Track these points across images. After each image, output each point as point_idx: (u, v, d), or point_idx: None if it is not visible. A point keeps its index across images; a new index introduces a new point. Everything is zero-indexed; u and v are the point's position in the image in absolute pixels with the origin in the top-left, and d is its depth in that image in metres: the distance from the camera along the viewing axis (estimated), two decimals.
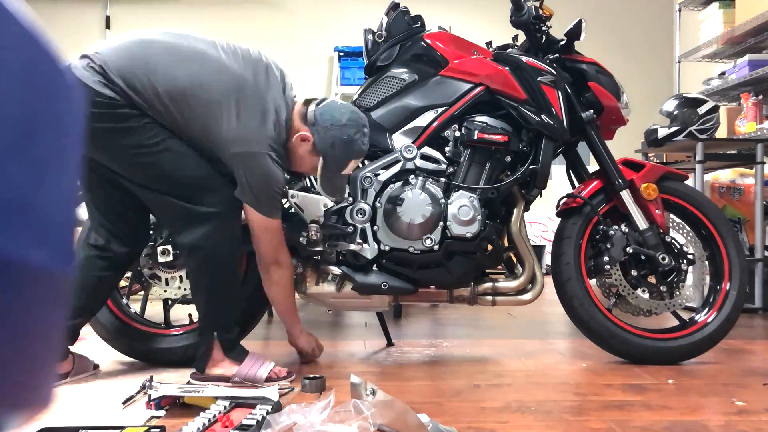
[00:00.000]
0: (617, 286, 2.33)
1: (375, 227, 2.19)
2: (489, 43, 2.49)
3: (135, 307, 2.33)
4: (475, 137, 2.22)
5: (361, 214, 2.18)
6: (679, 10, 4.96)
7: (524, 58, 2.31)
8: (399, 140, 2.28)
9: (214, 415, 1.52)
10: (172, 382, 1.92)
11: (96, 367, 2.13)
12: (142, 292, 2.35)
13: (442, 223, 2.19)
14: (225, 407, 1.58)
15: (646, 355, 2.28)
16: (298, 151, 2.03)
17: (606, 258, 2.31)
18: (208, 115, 1.88)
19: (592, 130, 2.39)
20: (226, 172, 1.97)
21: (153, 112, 1.86)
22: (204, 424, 1.46)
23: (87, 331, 2.18)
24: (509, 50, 2.44)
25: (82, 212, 2.10)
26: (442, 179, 2.24)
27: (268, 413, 1.53)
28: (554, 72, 2.30)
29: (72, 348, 2.06)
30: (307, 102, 2.07)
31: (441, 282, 2.26)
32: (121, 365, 2.23)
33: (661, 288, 2.33)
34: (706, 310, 2.37)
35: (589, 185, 2.39)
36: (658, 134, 3.72)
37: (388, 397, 1.54)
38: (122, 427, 1.47)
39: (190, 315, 2.31)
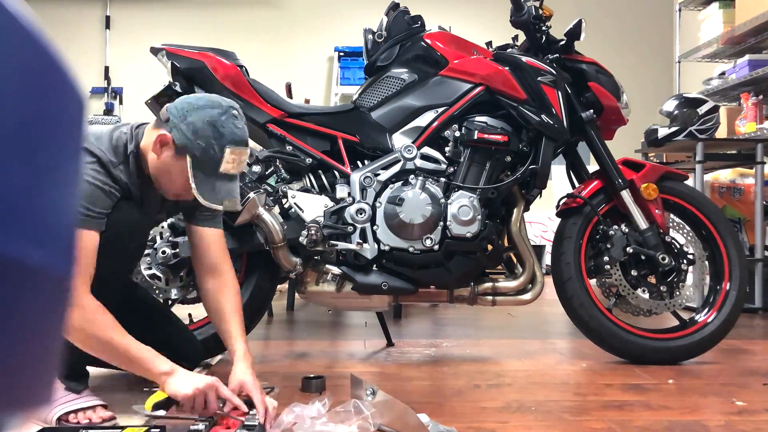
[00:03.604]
0: (617, 286, 2.33)
1: (375, 227, 2.19)
2: (489, 43, 2.49)
3: None
4: (475, 137, 2.22)
5: (361, 213, 2.18)
6: (679, 10, 4.96)
7: (524, 58, 2.31)
8: (399, 140, 2.28)
9: (213, 417, 1.51)
10: None
11: None
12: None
13: (442, 223, 2.19)
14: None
15: (646, 355, 2.28)
16: (163, 163, 1.61)
17: (606, 258, 2.31)
18: None
19: (592, 130, 2.39)
20: None
21: None
22: (205, 426, 1.45)
23: None
24: (509, 50, 2.44)
25: None
26: (442, 179, 2.24)
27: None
28: (554, 72, 2.30)
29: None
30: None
31: (441, 282, 2.26)
32: None
33: (661, 288, 2.33)
34: (706, 310, 2.37)
35: (589, 185, 2.39)
36: (658, 134, 3.72)
37: (388, 397, 1.54)
38: (122, 427, 1.47)
39: (190, 315, 2.31)
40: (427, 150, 2.25)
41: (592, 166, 2.46)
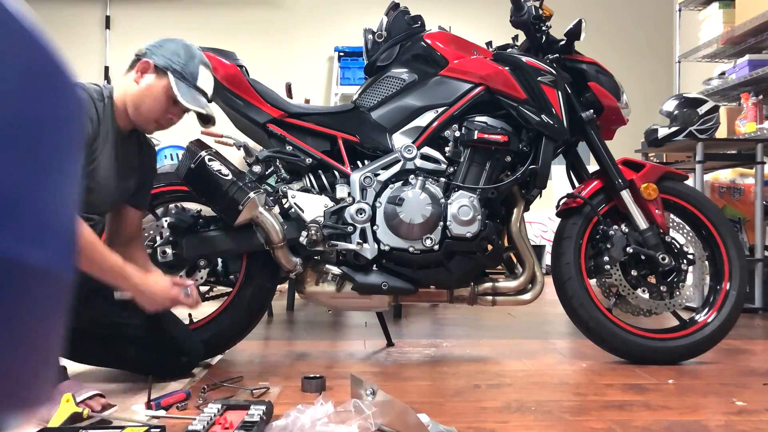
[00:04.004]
0: (617, 286, 2.33)
1: (375, 227, 2.19)
2: (489, 43, 2.49)
3: None
4: (475, 137, 2.22)
5: (361, 213, 2.18)
6: (679, 10, 4.96)
7: (524, 58, 2.31)
8: (399, 140, 2.28)
9: (211, 418, 1.51)
10: (171, 382, 1.92)
11: None
12: None
13: (442, 223, 2.19)
14: (218, 410, 1.57)
15: (646, 355, 2.28)
16: (145, 87, 1.84)
17: (606, 258, 2.31)
18: None
19: (592, 130, 2.39)
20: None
21: None
22: (204, 426, 1.46)
23: None
24: (509, 50, 2.44)
25: None
26: (442, 179, 2.24)
27: (264, 413, 1.53)
28: (554, 72, 2.30)
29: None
30: None
31: (441, 282, 2.26)
32: None
33: (661, 288, 2.33)
34: (706, 310, 2.37)
35: (589, 185, 2.39)
36: (658, 134, 3.72)
37: (388, 397, 1.54)
38: (122, 428, 1.47)
39: (190, 315, 2.31)
40: (427, 150, 2.25)
41: (592, 166, 2.46)
